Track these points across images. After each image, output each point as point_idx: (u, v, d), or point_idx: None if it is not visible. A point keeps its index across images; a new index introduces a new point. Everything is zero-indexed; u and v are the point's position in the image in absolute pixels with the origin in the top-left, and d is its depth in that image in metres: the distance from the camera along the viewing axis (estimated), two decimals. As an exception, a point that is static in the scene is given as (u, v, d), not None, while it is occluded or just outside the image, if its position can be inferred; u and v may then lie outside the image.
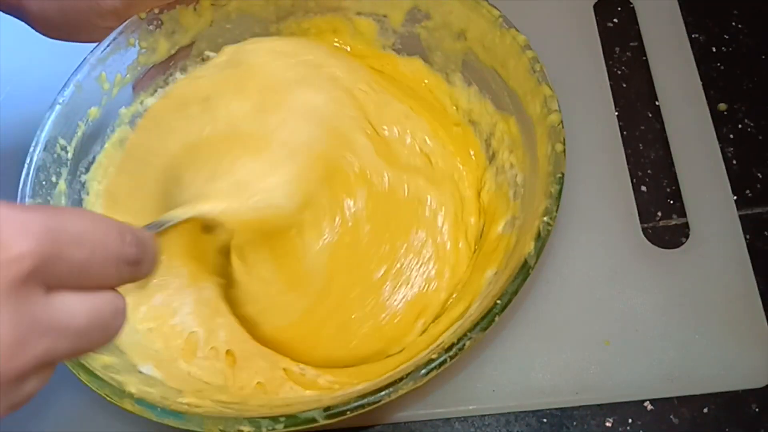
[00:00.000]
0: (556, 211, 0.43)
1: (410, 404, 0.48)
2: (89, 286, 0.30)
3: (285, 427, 0.39)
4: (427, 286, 0.48)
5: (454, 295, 0.49)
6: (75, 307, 0.29)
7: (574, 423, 0.48)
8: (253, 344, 0.48)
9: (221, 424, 0.39)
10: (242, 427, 0.39)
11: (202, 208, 0.43)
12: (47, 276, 0.27)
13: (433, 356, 0.39)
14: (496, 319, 0.40)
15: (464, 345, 0.39)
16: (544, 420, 0.48)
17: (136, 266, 0.32)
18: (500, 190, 0.51)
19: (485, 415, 0.48)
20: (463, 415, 0.48)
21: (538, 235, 0.42)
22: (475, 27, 0.51)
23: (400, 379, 0.39)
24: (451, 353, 0.39)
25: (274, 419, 0.39)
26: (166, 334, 0.48)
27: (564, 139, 0.45)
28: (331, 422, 0.39)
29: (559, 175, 0.43)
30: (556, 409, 0.48)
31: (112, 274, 0.30)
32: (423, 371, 0.39)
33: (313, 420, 0.39)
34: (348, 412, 0.39)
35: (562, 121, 0.45)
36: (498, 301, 0.40)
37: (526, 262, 0.41)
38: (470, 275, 0.49)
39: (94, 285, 0.30)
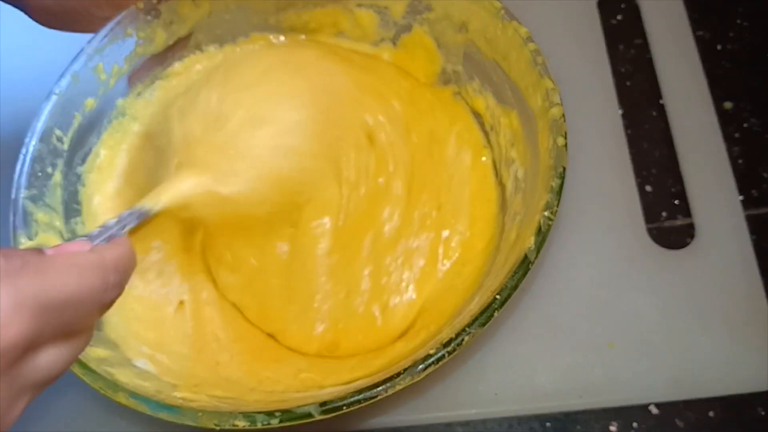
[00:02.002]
0: (557, 205, 0.43)
1: (412, 408, 0.48)
2: (72, 335, 0.33)
3: (280, 422, 0.39)
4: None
5: None
6: (58, 359, 0.32)
7: (578, 427, 0.48)
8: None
9: (216, 419, 0.39)
10: (237, 422, 0.39)
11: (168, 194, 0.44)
12: (36, 343, 0.30)
13: (431, 351, 0.40)
14: (495, 314, 0.40)
15: (463, 340, 0.40)
16: (548, 424, 0.48)
17: (115, 299, 0.35)
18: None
19: (487, 420, 0.49)
20: (465, 419, 0.49)
21: (539, 229, 0.42)
22: (476, 19, 0.51)
23: (398, 375, 0.39)
24: (449, 348, 0.40)
25: (270, 414, 0.39)
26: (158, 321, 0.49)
27: (566, 133, 0.45)
28: (327, 417, 0.39)
29: (561, 169, 0.44)
30: (560, 413, 0.49)
31: (94, 317, 0.34)
32: (420, 366, 0.39)
33: (309, 415, 0.39)
34: (344, 407, 0.39)
35: (563, 115, 0.46)
36: (497, 296, 0.41)
37: (526, 257, 0.42)
38: None
39: (77, 332, 0.33)
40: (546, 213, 0.43)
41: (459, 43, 0.54)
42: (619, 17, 0.63)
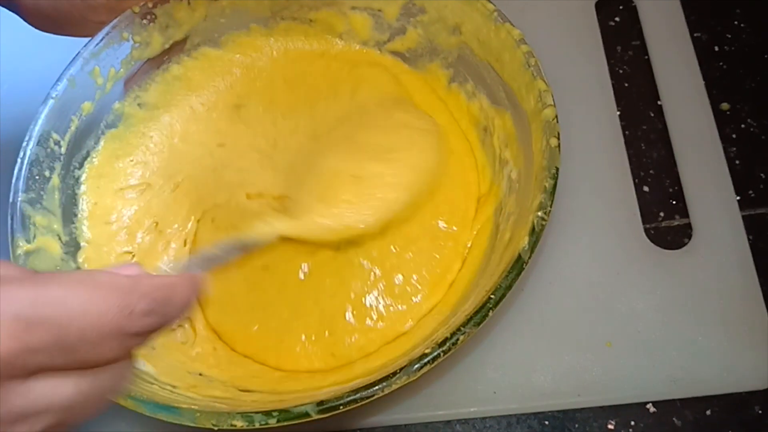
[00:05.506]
0: (551, 205, 0.44)
1: (411, 406, 0.49)
2: (85, 365, 0.29)
3: (278, 421, 0.40)
4: None
5: None
6: (62, 390, 0.28)
7: (576, 425, 0.49)
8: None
9: (214, 419, 0.40)
10: (235, 422, 0.40)
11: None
12: (24, 366, 0.27)
13: (426, 351, 0.41)
14: (490, 313, 0.41)
15: (458, 340, 0.41)
16: (546, 422, 0.49)
17: (148, 333, 0.30)
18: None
19: (486, 418, 0.50)
20: (464, 418, 0.50)
21: (533, 229, 0.43)
22: (470, 21, 0.52)
23: (394, 374, 0.40)
24: (444, 348, 0.41)
25: (267, 414, 0.40)
26: None
27: (559, 134, 0.46)
28: (325, 417, 0.40)
29: (554, 170, 0.45)
30: (558, 411, 0.49)
31: (112, 348, 0.29)
32: (416, 366, 0.40)
33: (306, 414, 0.40)
34: (341, 407, 0.40)
35: (557, 116, 0.46)
36: (492, 296, 0.42)
37: (520, 256, 0.43)
38: None
39: (91, 363, 0.29)
40: (539, 213, 0.44)
41: (452, 45, 0.55)
42: (616, 18, 0.64)
